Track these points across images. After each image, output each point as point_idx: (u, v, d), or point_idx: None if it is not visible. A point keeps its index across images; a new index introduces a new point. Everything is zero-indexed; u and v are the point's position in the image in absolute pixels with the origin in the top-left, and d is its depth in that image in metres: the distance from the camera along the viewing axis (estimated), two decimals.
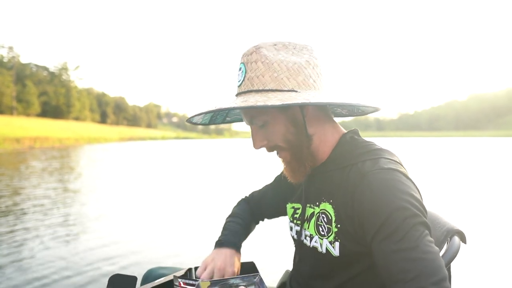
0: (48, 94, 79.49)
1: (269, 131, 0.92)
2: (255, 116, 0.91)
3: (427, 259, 0.72)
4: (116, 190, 8.56)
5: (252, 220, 1.28)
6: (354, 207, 0.83)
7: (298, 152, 0.94)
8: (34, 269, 3.28)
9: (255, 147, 0.96)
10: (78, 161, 18.33)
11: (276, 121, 0.91)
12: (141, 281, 1.20)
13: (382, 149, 0.92)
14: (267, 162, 15.30)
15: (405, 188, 0.79)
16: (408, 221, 0.75)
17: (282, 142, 0.92)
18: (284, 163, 0.98)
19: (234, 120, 1.15)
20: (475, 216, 5.73)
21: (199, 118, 1.04)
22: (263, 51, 0.89)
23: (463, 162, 17.15)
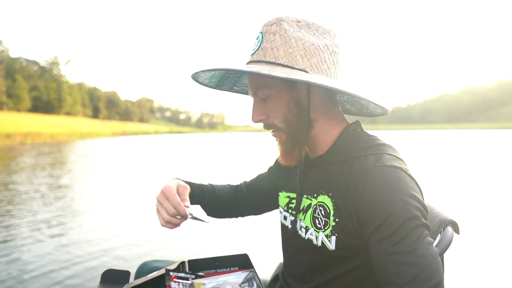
0: (39, 89, 78.56)
1: (270, 107, 0.91)
2: (259, 88, 0.90)
3: (423, 263, 0.71)
4: (107, 185, 8.49)
5: (228, 192, 1.23)
6: (354, 203, 0.81)
7: (295, 135, 0.91)
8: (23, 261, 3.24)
9: (253, 119, 0.93)
10: (69, 157, 18.17)
11: (279, 97, 0.89)
12: (135, 273, 1.19)
13: (385, 144, 0.90)
14: (260, 155, 15.29)
15: (407, 187, 0.78)
16: (407, 223, 0.74)
17: (281, 121, 0.91)
18: (278, 143, 0.95)
19: (241, 91, 1.13)
20: (467, 206, 5.77)
21: (206, 79, 1.01)
22: (284, 25, 0.87)
23: (455, 154, 17.30)
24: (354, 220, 0.82)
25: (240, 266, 1.06)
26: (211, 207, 1.18)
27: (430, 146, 24.62)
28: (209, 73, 0.99)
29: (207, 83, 1.05)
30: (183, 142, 37.88)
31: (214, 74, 1.01)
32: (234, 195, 1.23)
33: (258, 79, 0.90)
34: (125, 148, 25.82)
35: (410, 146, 22.95)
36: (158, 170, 11.87)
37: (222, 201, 1.20)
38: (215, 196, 1.19)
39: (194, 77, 0.99)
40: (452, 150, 20.06)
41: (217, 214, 1.22)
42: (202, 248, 3.73)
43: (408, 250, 0.72)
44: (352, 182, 0.83)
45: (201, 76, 0.99)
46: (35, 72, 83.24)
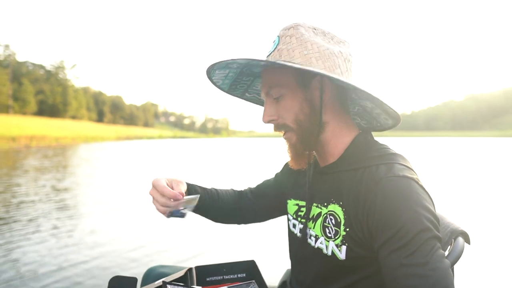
0: (44, 92, 79.32)
1: (282, 106, 0.90)
2: (273, 87, 0.90)
3: (436, 276, 0.71)
4: (110, 189, 8.48)
5: (232, 197, 1.21)
6: (365, 213, 0.81)
7: (305, 137, 0.91)
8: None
9: (264, 120, 0.93)
10: (73, 160, 18.22)
11: (293, 97, 0.89)
12: (142, 279, 1.19)
13: (396, 153, 0.90)
14: (265, 161, 15.25)
15: (419, 198, 0.77)
16: (420, 235, 0.73)
17: (292, 122, 0.90)
18: (288, 145, 0.95)
19: (252, 99, 1.12)
20: (475, 216, 5.68)
21: (219, 79, 1.01)
22: (301, 29, 0.88)
23: (461, 162, 17.15)
24: (365, 230, 0.81)
25: (247, 273, 1.06)
26: (214, 210, 1.15)
27: (435, 153, 24.45)
28: (224, 72, 0.98)
29: (220, 84, 1.04)
30: (187, 147, 37.91)
31: (228, 74, 1.00)
32: (238, 200, 1.21)
33: (272, 78, 0.90)
34: (129, 152, 25.85)
35: (415, 154, 22.81)
36: (162, 174, 11.83)
37: (225, 205, 1.17)
38: (218, 199, 1.16)
39: (209, 74, 0.98)
40: (458, 158, 19.89)
41: (220, 219, 1.20)
42: (209, 254, 3.71)
43: (421, 262, 0.72)
44: (363, 191, 0.82)
45: (216, 74, 0.98)
46: (41, 76, 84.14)
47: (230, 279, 1.10)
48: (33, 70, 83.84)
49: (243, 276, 1.10)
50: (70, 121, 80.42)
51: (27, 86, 70.36)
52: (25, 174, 11.16)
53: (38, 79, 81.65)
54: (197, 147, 37.71)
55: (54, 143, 44.22)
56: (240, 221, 1.25)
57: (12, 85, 66.91)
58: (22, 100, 68.73)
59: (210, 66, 0.94)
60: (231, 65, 0.94)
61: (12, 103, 66.13)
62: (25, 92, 69.28)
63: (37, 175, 10.83)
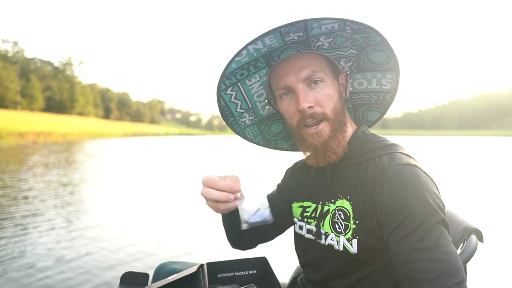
0: (52, 89, 79.81)
1: (323, 93, 0.90)
2: (316, 71, 0.89)
3: (448, 260, 0.71)
4: (118, 185, 8.52)
5: None
6: (373, 203, 0.81)
7: (338, 130, 0.91)
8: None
9: (303, 105, 0.88)
10: (79, 156, 18.32)
11: (332, 85, 0.91)
12: (153, 274, 1.19)
13: (395, 143, 0.91)
14: (270, 159, 15.22)
15: (424, 184, 0.78)
16: (429, 219, 0.74)
17: (332, 111, 0.90)
18: (317, 141, 0.91)
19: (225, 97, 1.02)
20: (486, 214, 5.64)
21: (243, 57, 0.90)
22: None
23: (468, 161, 17.00)
24: (374, 221, 0.82)
25: (258, 269, 1.05)
26: (240, 233, 1.12)
27: (443, 152, 24.24)
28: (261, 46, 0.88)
29: (238, 59, 0.91)
30: (193, 144, 37.94)
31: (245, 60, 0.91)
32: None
33: (313, 62, 0.89)
34: (136, 149, 25.94)
35: (422, 152, 22.64)
36: (169, 172, 11.87)
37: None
38: None
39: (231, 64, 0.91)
40: (466, 157, 19.71)
41: (237, 242, 1.17)
42: (221, 251, 3.73)
43: (433, 246, 0.73)
44: (369, 182, 0.84)
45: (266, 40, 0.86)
46: (49, 72, 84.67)
47: (241, 276, 1.08)
48: (41, 67, 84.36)
49: (254, 273, 1.09)
50: (77, 117, 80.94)
51: (35, 82, 70.85)
52: (30, 170, 11.23)
53: (46, 76, 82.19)
54: (203, 144, 37.73)
55: (61, 139, 44.51)
56: (251, 244, 1.20)
57: (20, 81, 67.45)
58: (30, 96, 69.24)
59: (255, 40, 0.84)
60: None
61: (20, 99, 66.65)
62: (33, 88, 69.77)
63: (43, 171, 10.90)
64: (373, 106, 1.06)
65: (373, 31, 0.83)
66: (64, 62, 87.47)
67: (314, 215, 0.99)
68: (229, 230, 1.12)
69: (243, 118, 1.10)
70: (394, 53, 0.89)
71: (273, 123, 1.15)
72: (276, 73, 0.95)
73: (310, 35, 0.85)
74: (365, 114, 1.07)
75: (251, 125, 1.13)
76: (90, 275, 3.04)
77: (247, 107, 1.08)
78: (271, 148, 1.20)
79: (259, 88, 1.04)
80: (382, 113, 1.07)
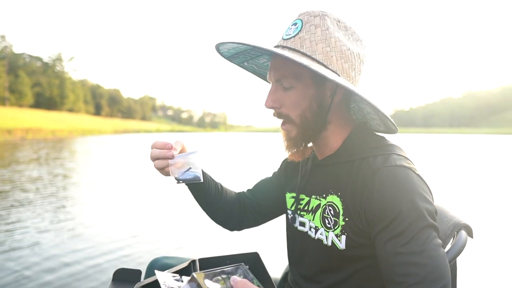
0: (41, 85, 78.65)
1: (291, 98, 0.88)
2: (286, 77, 0.87)
3: (432, 264, 0.71)
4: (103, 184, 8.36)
5: (233, 195, 1.18)
6: (363, 202, 0.81)
7: (306, 133, 0.91)
8: None
9: (267, 104, 0.90)
10: (65, 153, 18.05)
11: (304, 92, 0.87)
12: (146, 270, 1.20)
13: (393, 144, 0.90)
14: (262, 156, 15.13)
15: (415, 188, 0.78)
16: (416, 223, 0.74)
17: (297, 116, 0.89)
18: (285, 137, 0.94)
19: (248, 68, 1.08)
20: (475, 210, 5.65)
21: (225, 49, 0.96)
22: (327, 21, 0.85)
23: (459, 158, 17.10)
24: (363, 220, 0.81)
25: (251, 265, 1.06)
26: (216, 202, 1.11)
27: (433, 150, 24.40)
28: (233, 46, 0.93)
29: (224, 52, 0.99)
30: (184, 141, 37.67)
31: (237, 47, 0.94)
32: (237, 200, 1.17)
33: (287, 67, 0.86)
34: (127, 146, 25.67)
35: (413, 150, 22.75)
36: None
37: (227, 201, 1.14)
38: (222, 192, 1.13)
39: (218, 46, 0.95)
40: (456, 155, 19.85)
41: (220, 216, 1.16)
42: (212, 247, 3.73)
43: (417, 250, 0.72)
44: (361, 181, 0.83)
45: (225, 46, 0.94)
46: (38, 68, 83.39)
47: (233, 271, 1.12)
48: (30, 62, 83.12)
49: (247, 268, 1.10)
50: (67, 114, 79.80)
51: (24, 78, 69.69)
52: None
53: (35, 71, 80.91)
54: (195, 141, 37.53)
55: (50, 136, 43.98)
56: (240, 222, 1.19)
57: (8, 77, 66.27)
58: (19, 92, 68.13)
59: (221, 43, 0.91)
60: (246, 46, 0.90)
61: (9, 95, 65.57)
62: (21, 84, 68.63)
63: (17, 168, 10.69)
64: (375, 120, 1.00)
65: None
66: (54, 58, 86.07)
67: (307, 208, 0.99)
68: (200, 203, 1.12)
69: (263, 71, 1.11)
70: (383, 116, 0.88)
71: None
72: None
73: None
74: (372, 121, 1.01)
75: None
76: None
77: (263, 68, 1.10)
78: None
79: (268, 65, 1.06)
80: (387, 131, 1.00)
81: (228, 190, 1.16)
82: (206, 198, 1.08)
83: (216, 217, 1.16)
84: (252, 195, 1.19)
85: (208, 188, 1.07)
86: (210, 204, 1.11)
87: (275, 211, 1.19)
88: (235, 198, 1.17)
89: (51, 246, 3.68)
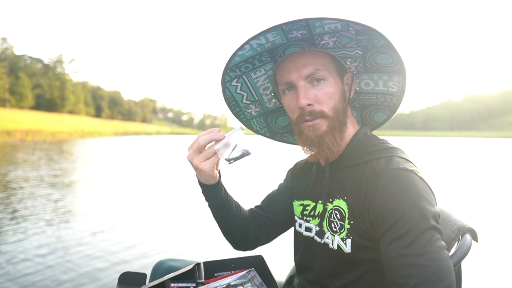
0: (42, 87, 78.78)
1: (324, 92, 0.90)
2: (320, 69, 0.89)
3: (434, 266, 0.72)
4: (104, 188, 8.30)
5: (246, 212, 1.15)
6: (366, 204, 0.83)
7: (336, 128, 0.91)
8: None
9: (302, 103, 0.89)
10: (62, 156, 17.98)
11: (335, 84, 0.91)
12: (151, 272, 1.20)
13: (396, 147, 0.92)
14: (263, 158, 15.06)
15: (418, 190, 0.79)
16: (419, 225, 0.74)
17: (330, 109, 0.90)
18: (313, 134, 0.91)
19: (233, 96, 1.07)
20: (476, 214, 5.61)
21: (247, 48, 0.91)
22: None
23: (459, 162, 17.04)
24: (367, 222, 0.83)
25: (256, 268, 1.05)
26: (236, 221, 1.09)
27: (433, 153, 24.33)
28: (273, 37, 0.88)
29: (240, 53, 0.93)
30: (184, 144, 37.67)
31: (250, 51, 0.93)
32: (252, 216, 1.15)
33: (316, 60, 0.89)
34: (127, 148, 25.61)
35: (413, 153, 22.66)
36: (158, 172, 11.65)
37: (245, 216, 1.12)
38: (237, 207, 1.10)
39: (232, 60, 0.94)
40: (456, 158, 19.78)
41: (237, 234, 1.12)
42: (217, 249, 3.72)
43: (419, 252, 0.73)
44: (365, 184, 0.84)
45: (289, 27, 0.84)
46: (39, 70, 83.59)
47: (229, 274, 1.07)
48: (31, 64, 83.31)
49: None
50: (67, 115, 79.80)
51: (24, 80, 69.77)
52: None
53: (36, 73, 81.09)
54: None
55: (50, 137, 43.95)
56: (254, 241, 1.16)
57: (9, 78, 66.32)
58: (19, 94, 68.19)
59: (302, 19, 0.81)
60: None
61: (9, 97, 65.59)
62: (22, 86, 68.71)
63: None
64: (380, 108, 1.05)
65: (377, 33, 0.83)
66: (55, 60, 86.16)
67: (313, 213, 1.00)
68: (220, 220, 1.09)
69: (249, 109, 1.12)
70: (399, 57, 0.88)
71: (280, 116, 1.15)
72: (280, 69, 0.95)
73: (313, 34, 0.86)
74: (372, 114, 1.07)
75: (257, 116, 1.14)
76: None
77: (253, 99, 1.09)
78: (277, 140, 1.20)
79: (265, 82, 1.05)
80: (389, 115, 1.05)
81: (242, 208, 1.14)
82: (227, 214, 1.06)
83: (234, 235, 1.12)
84: (262, 211, 1.17)
85: (230, 204, 1.06)
86: (230, 221, 1.08)
87: (287, 224, 1.18)
88: (249, 215, 1.15)
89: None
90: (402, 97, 0.97)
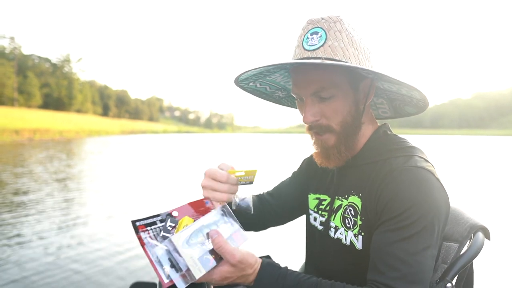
0: (50, 86, 79.23)
1: (331, 108, 0.87)
2: (326, 88, 0.85)
3: (416, 268, 0.74)
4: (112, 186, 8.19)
5: (256, 200, 1.16)
6: (376, 198, 0.83)
7: (346, 139, 0.91)
8: None
9: (307, 120, 0.88)
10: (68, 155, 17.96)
11: (344, 98, 0.88)
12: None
13: (415, 147, 0.91)
14: (271, 156, 14.91)
15: (432, 190, 0.78)
16: (420, 223, 0.75)
17: (338, 124, 0.89)
18: (321, 147, 0.93)
19: (254, 92, 1.09)
20: (487, 212, 5.45)
21: (246, 75, 0.95)
22: (346, 25, 0.85)
23: (469, 160, 16.73)
24: (375, 212, 0.84)
25: None
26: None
27: (442, 151, 23.98)
28: (259, 70, 0.92)
29: (242, 78, 0.98)
30: (192, 142, 37.63)
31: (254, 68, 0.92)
32: (257, 202, 1.16)
33: (324, 77, 0.85)
34: (134, 147, 25.59)
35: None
36: (167, 169, 11.54)
37: (254, 216, 1.12)
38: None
39: (237, 81, 0.98)
40: (466, 156, 19.45)
41: (246, 224, 1.11)
42: None
43: (410, 250, 0.74)
44: (379, 179, 0.85)
45: (246, 74, 0.93)
46: (46, 69, 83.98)
47: None
48: (39, 63, 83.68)
49: None
50: (75, 114, 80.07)
51: (33, 79, 70.20)
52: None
53: (44, 72, 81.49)
54: (202, 142, 37.41)
55: (57, 136, 44.15)
56: (261, 226, 1.18)
57: (17, 78, 66.74)
58: (27, 93, 68.62)
59: (243, 73, 0.91)
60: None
61: (17, 96, 66.04)
62: (30, 85, 69.14)
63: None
64: (408, 103, 1.00)
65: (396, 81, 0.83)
66: (62, 59, 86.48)
67: (329, 208, 1.00)
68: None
69: (275, 94, 1.13)
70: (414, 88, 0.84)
71: None
72: (292, 77, 0.93)
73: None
74: (401, 105, 1.04)
75: (284, 98, 1.16)
76: None
77: (275, 88, 1.11)
78: None
79: (283, 78, 1.07)
80: (416, 113, 1.03)
81: (253, 197, 1.15)
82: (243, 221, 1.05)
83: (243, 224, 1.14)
84: (273, 199, 1.18)
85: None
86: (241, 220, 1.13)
87: (296, 213, 1.19)
88: (259, 204, 1.16)
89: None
90: (427, 102, 0.93)
